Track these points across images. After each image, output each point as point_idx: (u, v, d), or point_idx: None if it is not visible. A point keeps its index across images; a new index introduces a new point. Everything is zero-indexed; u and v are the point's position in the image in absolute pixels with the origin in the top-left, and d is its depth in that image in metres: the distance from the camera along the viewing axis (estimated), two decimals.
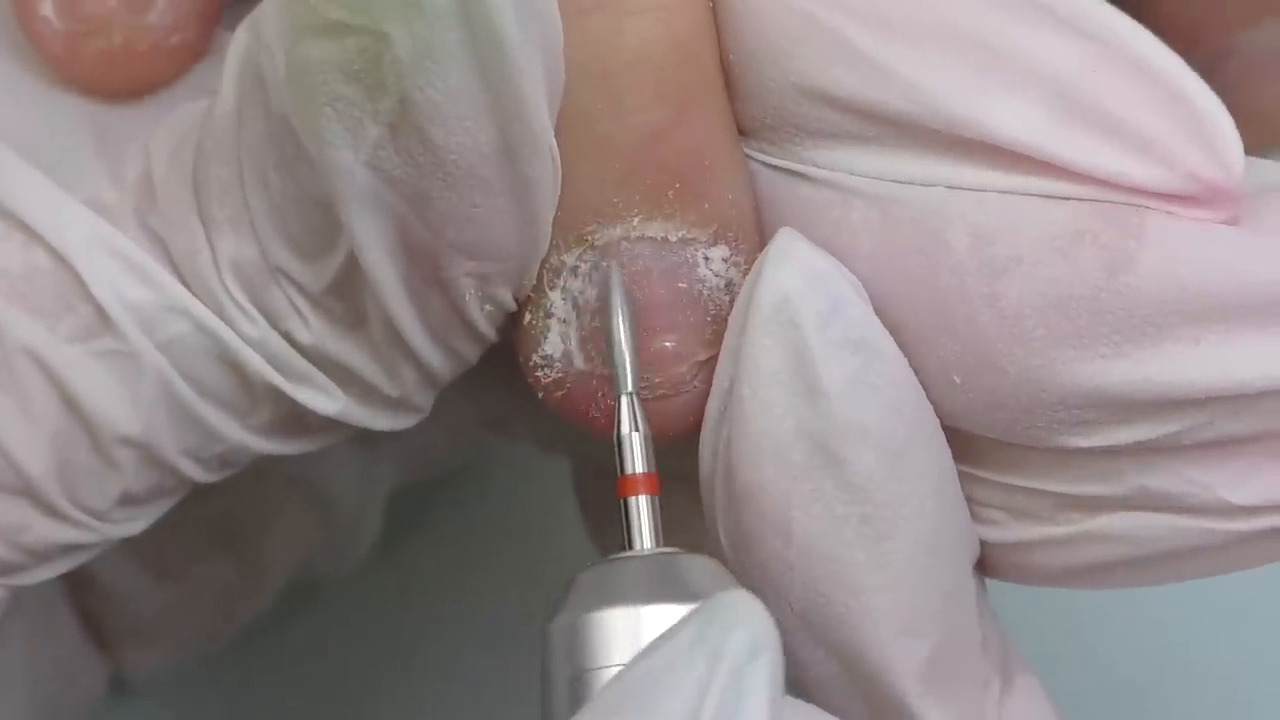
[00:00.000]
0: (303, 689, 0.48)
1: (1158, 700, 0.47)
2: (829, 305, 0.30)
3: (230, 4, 0.37)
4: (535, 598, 0.47)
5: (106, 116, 0.35)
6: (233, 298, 0.33)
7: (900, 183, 0.31)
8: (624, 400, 0.32)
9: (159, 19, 0.35)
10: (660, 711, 0.26)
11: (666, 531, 0.32)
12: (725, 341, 0.32)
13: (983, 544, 0.33)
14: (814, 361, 0.30)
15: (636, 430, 0.32)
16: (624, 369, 0.32)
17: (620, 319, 0.32)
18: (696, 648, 0.26)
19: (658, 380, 0.32)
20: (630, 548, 0.31)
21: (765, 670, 0.26)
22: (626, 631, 0.30)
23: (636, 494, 0.31)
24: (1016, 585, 0.34)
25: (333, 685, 0.48)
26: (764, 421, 0.31)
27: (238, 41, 0.33)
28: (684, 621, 0.27)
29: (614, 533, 0.32)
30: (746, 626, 0.26)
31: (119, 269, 0.33)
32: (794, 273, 0.31)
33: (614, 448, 0.32)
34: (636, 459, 0.32)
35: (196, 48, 0.35)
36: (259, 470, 0.38)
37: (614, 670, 0.29)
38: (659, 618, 0.30)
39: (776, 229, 0.32)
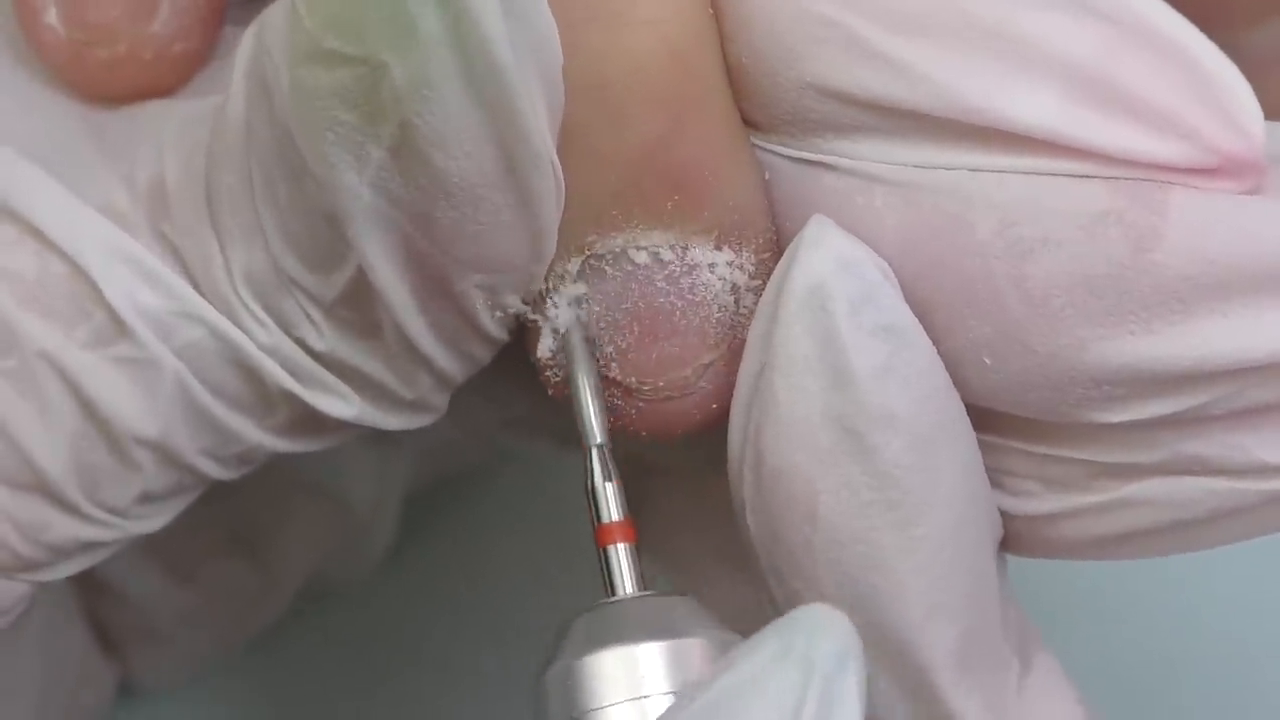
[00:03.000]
0: (315, 689, 0.47)
1: (1169, 676, 0.47)
2: (861, 292, 0.30)
3: (237, 3, 0.37)
4: (547, 596, 0.48)
5: (109, 119, 0.35)
6: (246, 305, 0.33)
7: (922, 168, 0.31)
8: (594, 452, 0.32)
9: (162, 28, 0.35)
10: None
11: (668, 531, 0.32)
12: (754, 328, 0.32)
13: (1013, 518, 0.33)
14: (845, 348, 0.30)
15: (609, 480, 0.32)
16: (591, 422, 0.32)
17: (583, 375, 0.32)
18: (786, 658, 0.26)
19: (662, 384, 0.32)
20: (613, 594, 0.32)
21: (854, 679, 0.26)
22: (622, 670, 0.30)
23: (614, 542, 0.32)
24: (1026, 565, 0.34)
25: (345, 685, 0.47)
26: (794, 407, 0.31)
27: (245, 47, 0.33)
28: (765, 633, 0.27)
29: (639, 521, 0.32)
30: (834, 636, 0.26)
31: (133, 276, 0.33)
32: (827, 259, 0.30)
33: (587, 498, 0.32)
34: (612, 508, 0.32)
35: (200, 55, 0.35)
36: (274, 474, 0.37)
37: (614, 709, 0.30)
38: (652, 655, 0.30)
39: (801, 219, 0.31)
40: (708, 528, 0.39)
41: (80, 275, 0.33)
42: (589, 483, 0.32)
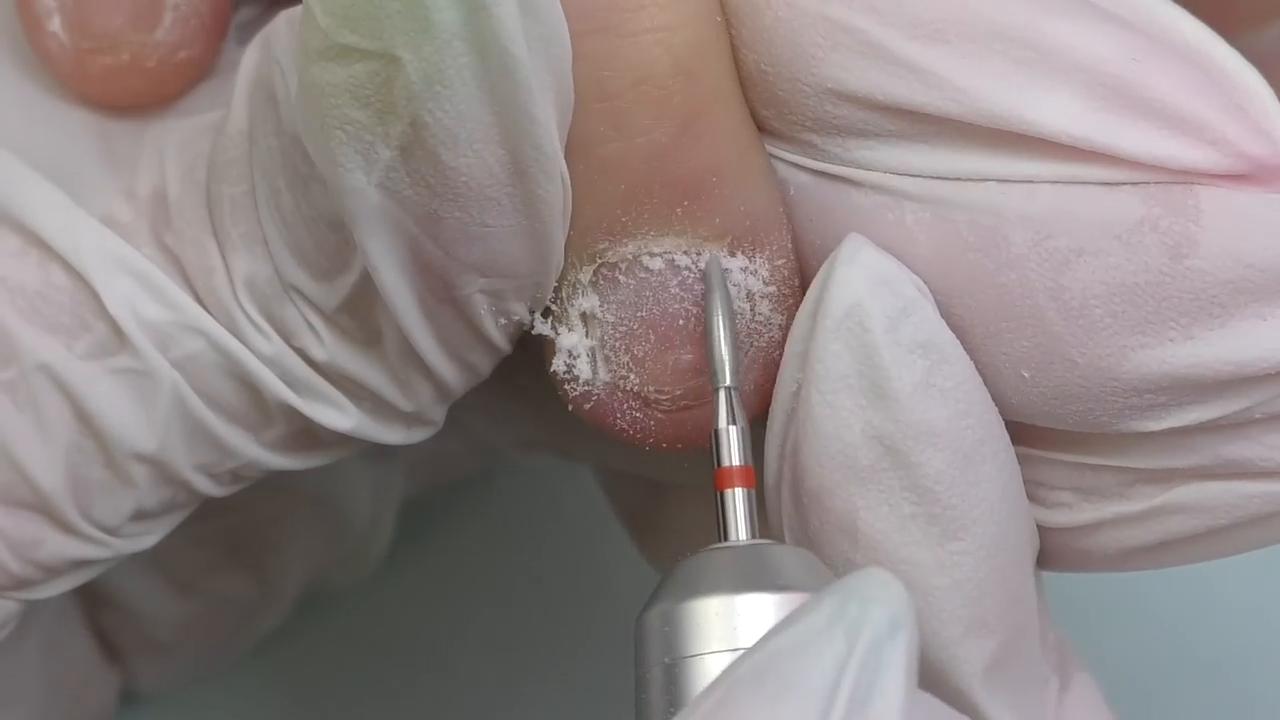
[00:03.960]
0: (314, 694, 0.47)
1: (1161, 699, 0.47)
2: (898, 309, 0.30)
3: (242, 24, 0.37)
4: (545, 600, 0.48)
5: (115, 130, 0.35)
6: (247, 314, 0.32)
7: (950, 180, 0.31)
8: (721, 394, 0.31)
9: (166, 35, 0.34)
10: (799, 685, 0.25)
11: (682, 547, 0.32)
12: (789, 347, 0.31)
13: (1047, 531, 0.33)
14: (883, 365, 0.30)
15: (734, 423, 0.31)
16: (721, 363, 0.31)
17: (719, 314, 0.31)
18: (836, 622, 0.26)
19: (679, 392, 0.32)
20: (726, 539, 0.31)
21: (902, 648, 0.26)
22: (722, 619, 0.29)
23: (732, 486, 0.31)
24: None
25: (345, 690, 0.47)
26: (832, 425, 0.31)
27: (249, 59, 0.33)
28: (822, 596, 0.26)
29: (657, 536, 0.32)
30: (886, 603, 0.26)
31: (135, 287, 0.32)
32: (862, 276, 0.30)
33: (711, 440, 0.31)
34: (734, 452, 0.31)
35: (203, 63, 0.35)
36: (273, 485, 0.37)
37: (709, 658, 0.29)
38: (753, 607, 0.29)
39: (830, 237, 0.31)
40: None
41: (82, 286, 0.32)
42: (715, 424, 0.31)
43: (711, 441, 0.31)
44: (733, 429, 0.31)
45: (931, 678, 0.31)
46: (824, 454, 0.31)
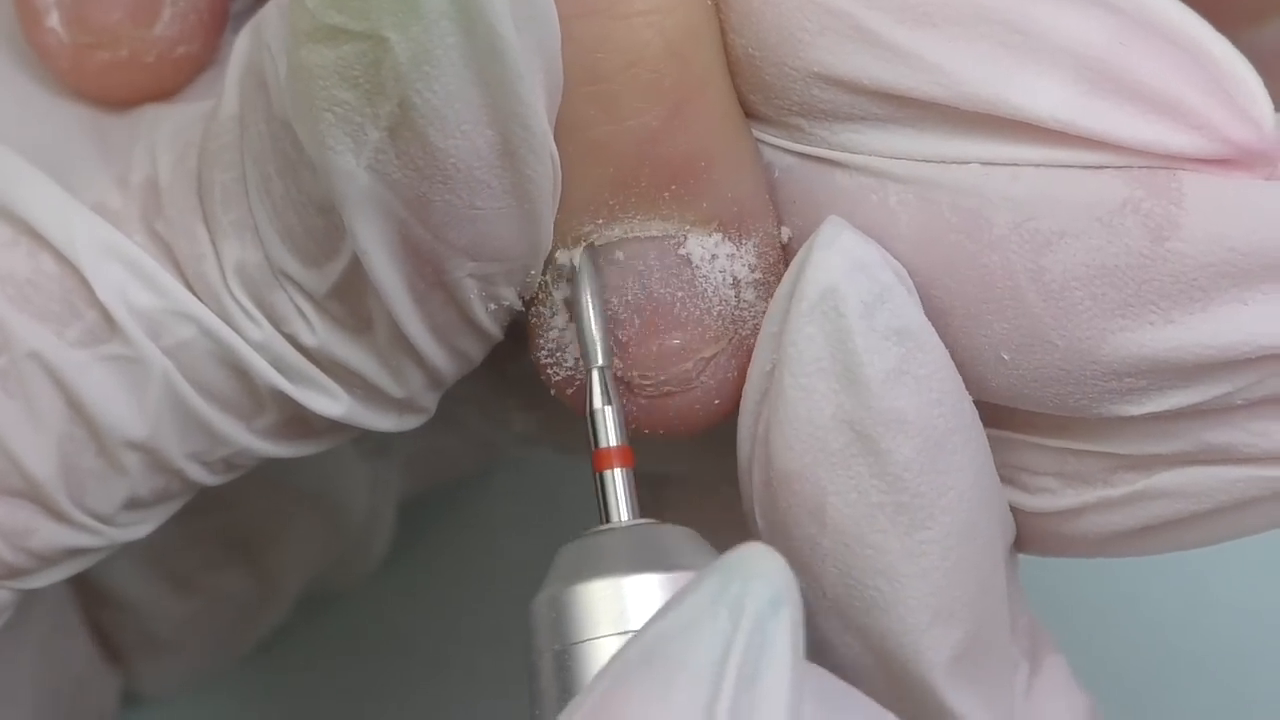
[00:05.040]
0: (315, 693, 0.47)
1: (1153, 697, 0.47)
2: (874, 295, 0.30)
3: (239, 13, 0.37)
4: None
5: (109, 122, 0.34)
6: (237, 301, 0.32)
7: (934, 162, 0.30)
8: (595, 374, 0.31)
9: (164, 31, 0.34)
10: (687, 666, 0.26)
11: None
12: (765, 327, 0.31)
13: (1029, 516, 0.32)
14: (856, 350, 0.30)
15: (609, 404, 0.31)
16: (593, 344, 0.31)
17: (587, 295, 0.31)
18: (719, 602, 0.26)
19: (663, 378, 0.32)
20: (608, 521, 0.31)
21: (786, 623, 0.26)
22: (610, 603, 0.30)
23: (611, 467, 0.31)
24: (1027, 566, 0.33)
25: (345, 689, 0.47)
26: (803, 408, 0.30)
27: (240, 46, 0.32)
28: (704, 575, 0.26)
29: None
30: (766, 579, 0.26)
31: (125, 274, 0.32)
32: (840, 260, 0.30)
33: (587, 422, 0.31)
34: (610, 432, 0.31)
35: (201, 59, 0.35)
36: (269, 480, 0.37)
37: (600, 642, 0.29)
38: (641, 588, 0.30)
39: (814, 219, 0.31)
40: (723, 539, 0.39)
41: (72, 273, 0.32)
42: (589, 405, 0.31)
43: (587, 423, 0.31)
44: (608, 409, 0.31)
45: (896, 666, 0.31)
46: (795, 437, 0.31)
